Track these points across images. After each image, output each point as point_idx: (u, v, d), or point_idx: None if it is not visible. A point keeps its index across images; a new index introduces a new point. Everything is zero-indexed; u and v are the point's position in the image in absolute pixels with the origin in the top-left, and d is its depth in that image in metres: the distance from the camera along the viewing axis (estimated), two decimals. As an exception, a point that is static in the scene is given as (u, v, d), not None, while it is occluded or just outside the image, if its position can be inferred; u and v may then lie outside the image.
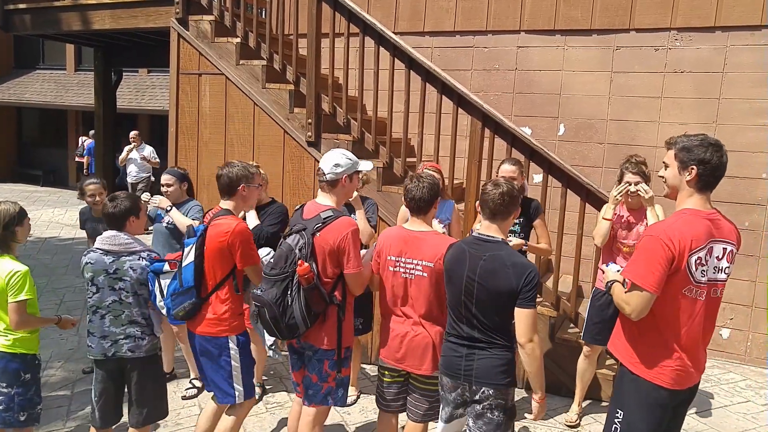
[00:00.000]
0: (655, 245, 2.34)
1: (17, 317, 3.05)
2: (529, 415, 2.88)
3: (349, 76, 5.09)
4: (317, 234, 2.90)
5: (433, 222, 3.77)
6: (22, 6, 6.73)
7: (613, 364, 4.44)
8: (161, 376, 3.44)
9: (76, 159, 14.33)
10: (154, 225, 4.48)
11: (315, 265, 2.89)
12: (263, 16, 5.94)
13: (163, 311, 3.16)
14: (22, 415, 3.14)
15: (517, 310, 2.58)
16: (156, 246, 4.39)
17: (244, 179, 3.22)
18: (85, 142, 13.71)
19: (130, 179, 10.13)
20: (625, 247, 3.83)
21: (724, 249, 2.40)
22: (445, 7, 6.25)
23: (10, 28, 7.03)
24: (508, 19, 6.01)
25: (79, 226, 4.65)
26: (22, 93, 15.98)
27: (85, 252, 3.24)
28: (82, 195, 4.45)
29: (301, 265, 2.80)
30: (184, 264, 3.08)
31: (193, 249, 3.08)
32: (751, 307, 5.38)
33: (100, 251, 3.15)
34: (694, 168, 2.36)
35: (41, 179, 16.21)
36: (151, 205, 4.28)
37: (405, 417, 3.15)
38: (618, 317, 2.61)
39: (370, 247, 3.46)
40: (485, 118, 4.55)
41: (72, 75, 15.99)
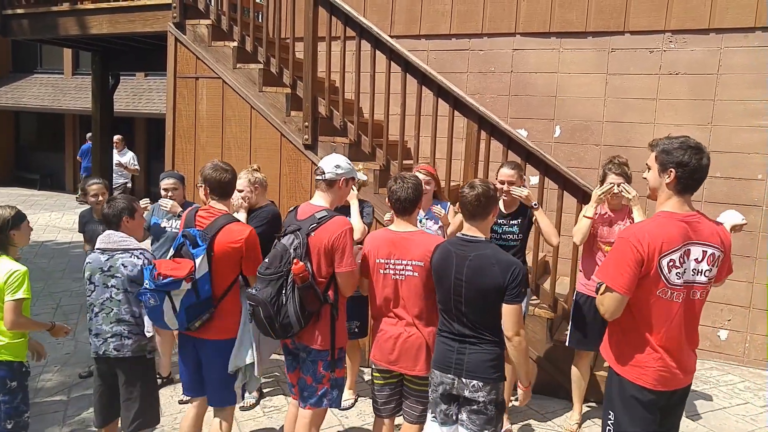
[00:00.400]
0: (625, 247, 2.37)
1: (13, 316, 3.03)
2: (515, 402, 2.94)
3: (346, 80, 5.11)
4: (312, 234, 2.92)
5: (425, 221, 3.76)
6: (20, 11, 6.73)
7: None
8: (151, 380, 3.37)
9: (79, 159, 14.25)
10: (151, 231, 4.41)
11: (310, 264, 2.91)
12: (260, 20, 5.96)
13: (173, 327, 3.05)
14: (9, 423, 3.11)
15: (505, 306, 2.65)
16: (158, 252, 4.34)
17: (235, 180, 3.28)
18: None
19: None
20: (606, 245, 3.84)
21: (704, 251, 2.40)
22: (440, 10, 6.27)
23: (8, 33, 7.03)
24: (504, 22, 6.03)
25: (78, 229, 4.65)
26: (19, 97, 15.97)
27: (88, 254, 3.30)
28: (84, 195, 4.49)
29: (296, 264, 2.82)
30: (199, 275, 2.98)
31: (205, 259, 3.00)
32: (749, 308, 5.39)
33: (98, 251, 3.21)
34: (672, 170, 2.38)
35: (38, 183, 16.20)
36: (162, 209, 4.25)
37: (401, 419, 3.14)
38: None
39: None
40: (481, 120, 4.57)
41: (69, 79, 16.00)
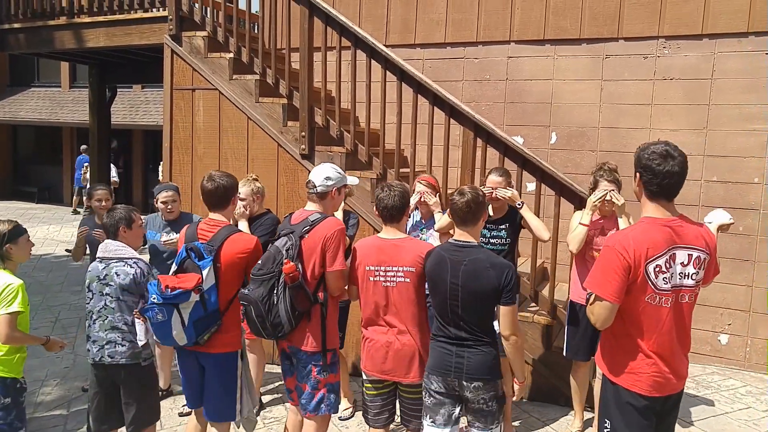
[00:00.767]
0: (611, 255, 2.37)
1: (7, 330, 3.00)
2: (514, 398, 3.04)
3: (342, 89, 5.12)
4: (305, 236, 2.99)
5: (425, 231, 3.77)
6: (16, 25, 6.76)
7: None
8: (148, 385, 3.37)
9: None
10: (148, 247, 4.40)
11: (301, 265, 2.96)
12: (256, 31, 5.98)
13: (182, 343, 3.01)
14: None
15: (502, 307, 2.75)
16: (157, 265, 4.34)
17: (234, 190, 3.27)
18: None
19: (86, 198, 9.70)
20: (598, 252, 3.79)
21: (689, 255, 2.40)
22: (435, 19, 6.30)
23: (5, 48, 7.06)
24: (498, 30, 6.06)
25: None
26: (17, 111, 16.01)
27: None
28: (89, 199, 4.57)
29: (287, 264, 2.88)
30: (207, 287, 2.98)
31: (211, 270, 3.00)
32: (749, 312, 5.38)
33: (98, 259, 3.29)
34: (638, 174, 2.42)
35: (36, 196, 16.20)
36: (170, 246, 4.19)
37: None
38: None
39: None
40: (477, 128, 4.58)
41: (67, 92, 16.05)
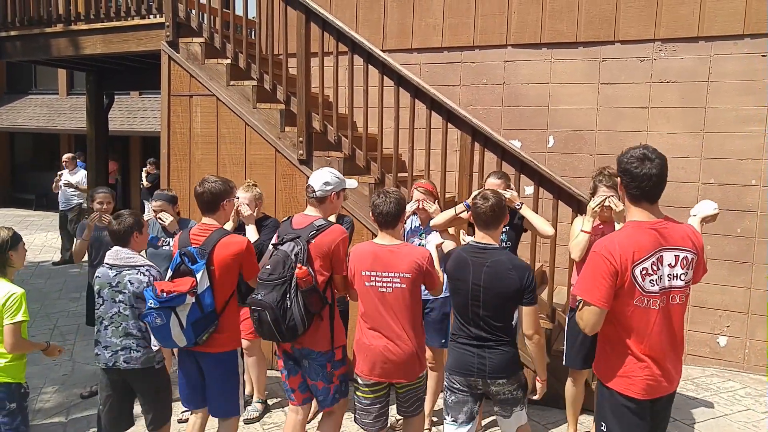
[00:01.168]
0: (598, 260, 2.38)
1: (12, 339, 3.08)
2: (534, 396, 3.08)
3: (339, 94, 5.12)
4: (312, 241, 3.07)
5: (424, 236, 3.79)
6: (13, 33, 6.76)
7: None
8: (162, 388, 3.46)
9: None
10: (148, 250, 4.43)
11: (311, 268, 3.04)
12: (253, 37, 5.99)
13: (182, 344, 3.10)
14: None
15: (524, 308, 2.85)
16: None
17: (226, 194, 3.30)
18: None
19: (60, 207, 9.41)
20: None
21: (676, 256, 2.41)
22: (432, 24, 6.32)
23: (2, 55, 7.04)
24: (495, 34, 6.08)
25: (74, 234, 4.63)
26: (14, 118, 15.99)
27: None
28: (91, 201, 4.59)
29: (300, 268, 2.96)
30: (201, 290, 3.06)
31: (205, 273, 3.08)
32: (747, 314, 5.38)
33: (107, 266, 3.32)
34: (619, 178, 2.46)
35: (34, 203, 16.17)
36: (159, 223, 4.32)
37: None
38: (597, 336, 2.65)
39: None
40: (475, 132, 4.58)
41: (64, 99, 16.04)
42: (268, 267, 3.05)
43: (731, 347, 5.46)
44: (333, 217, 3.87)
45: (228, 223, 3.93)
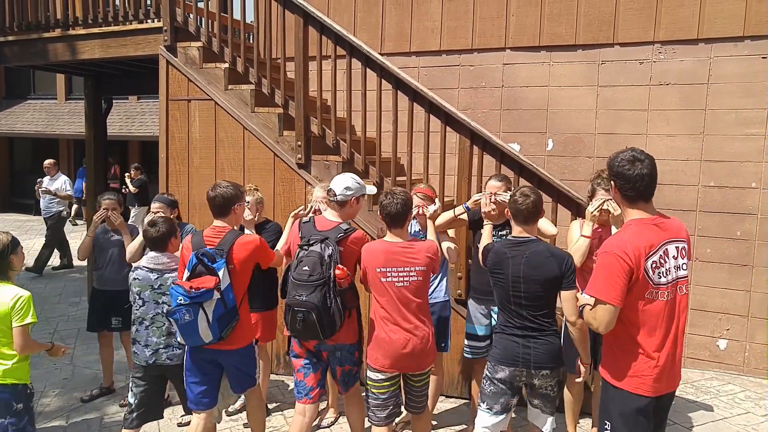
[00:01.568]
0: (612, 260, 2.45)
1: (22, 341, 3.19)
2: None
3: (338, 98, 5.12)
4: (342, 242, 3.26)
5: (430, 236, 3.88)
6: (11, 38, 6.75)
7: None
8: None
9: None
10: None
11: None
12: (251, 41, 5.99)
13: (207, 340, 3.21)
14: None
15: (564, 293, 2.96)
16: None
17: (237, 199, 3.43)
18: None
19: (42, 214, 9.23)
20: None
21: (677, 247, 2.54)
22: (430, 27, 6.31)
23: (0, 60, 7.03)
24: (493, 37, 6.07)
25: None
26: (13, 123, 16.00)
27: (132, 269, 3.64)
28: (98, 208, 4.68)
29: (340, 269, 3.16)
30: (224, 286, 3.22)
31: (225, 271, 3.23)
32: (747, 317, 5.37)
33: (146, 269, 3.54)
34: (612, 182, 2.57)
35: (33, 208, 16.13)
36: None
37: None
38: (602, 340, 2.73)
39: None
40: (473, 135, 4.57)
41: (63, 104, 16.05)
42: (305, 268, 3.15)
43: (731, 350, 5.44)
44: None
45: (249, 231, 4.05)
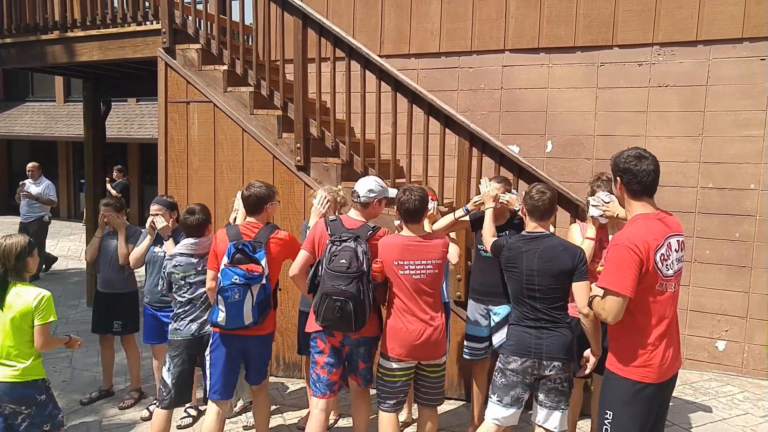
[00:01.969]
0: (623, 252, 2.55)
1: (43, 339, 3.33)
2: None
3: (337, 100, 5.12)
4: (370, 240, 3.39)
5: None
6: (9, 40, 6.74)
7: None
8: None
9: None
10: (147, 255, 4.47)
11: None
12: (249, 43, 5.98)
13: (248, 321, 3.42)
14: (47, 426, 3.40)
15: (576, 284, 3.05)
16: (151, 274, 4.41)
17: (269, 198, 3.64)
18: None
19: (21, 218, 8.94)
20: (600, 266, 3.58)
21: (678, 241, 2.68)
22: (429, 29, 6.32)
23: (-2, 62, 7.05)
24: (492, 39, 6.07)
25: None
26: (12, 126, 15.98)
27: (168, 257, 3.88)
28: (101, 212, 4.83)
29: (377, 263, 3.32)
30: (265, 274, 3.45)
31: (265, 260, 3.45)
32: (746, 318, 5.37)
33: (186, 255, 3.79)
34: (618, 179, 2.68)
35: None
36: (152, 226, 4.36)
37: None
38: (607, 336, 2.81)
39: None
40: (472, 137, 4.57)
41: (61, 106, 16.03)
42: (342, 261, 3.26)
43: (730, 351, 5.45)
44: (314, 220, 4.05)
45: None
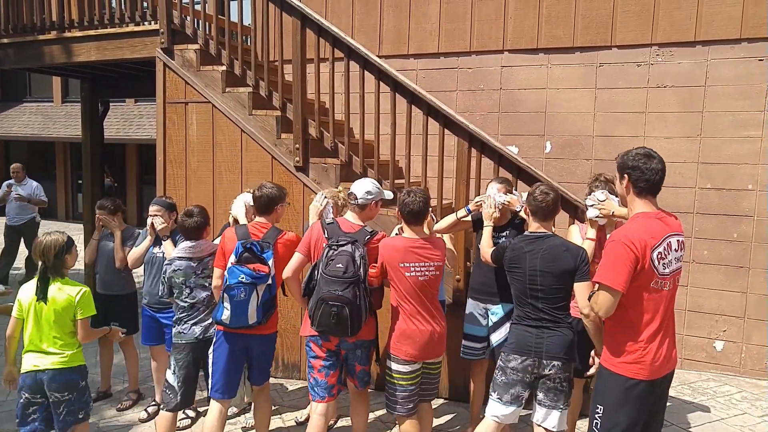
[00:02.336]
0: (619, 248, 2.58)
1: (84, 332, 3.49)
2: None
3: (336, 101, 5.11)
4: (368, 244, 3.39)
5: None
6: (6, 40, 6.72)
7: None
8: None
9: None
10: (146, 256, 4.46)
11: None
12: (248, 44, 5.97)
13: (252, 321, 3.40)
14: (81, 413, 3.54)
15: (578, 284, 3.06)
16: (150, 276, 4.40)
17: (280, 199, 3.67)
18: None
19: (9, 221, 8.51)
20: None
21: (678, 241, 2.71)
22: (428, 29, 6.31)
23: (-5, 63, 7.03)
24: (491, 40, 6.07)
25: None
26: (9, 126, 15.94)
27: (167, 262, 3.84)
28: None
29: (374, 268, 3.33)
30: (272, 274, 3.46)
31: (272, 261, 3.46)
32: (744, 319, 5.38)
33: (185, 258, 3.74)
34: (626, 176, 2.69)
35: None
36: (151, 226, 4.35)
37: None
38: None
39: None
40: (471, 138, 4.57)
41: (59, 107, 15.99)
42: (339, 266, 3.25)
43: (728, 351, 5.45)
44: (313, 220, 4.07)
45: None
